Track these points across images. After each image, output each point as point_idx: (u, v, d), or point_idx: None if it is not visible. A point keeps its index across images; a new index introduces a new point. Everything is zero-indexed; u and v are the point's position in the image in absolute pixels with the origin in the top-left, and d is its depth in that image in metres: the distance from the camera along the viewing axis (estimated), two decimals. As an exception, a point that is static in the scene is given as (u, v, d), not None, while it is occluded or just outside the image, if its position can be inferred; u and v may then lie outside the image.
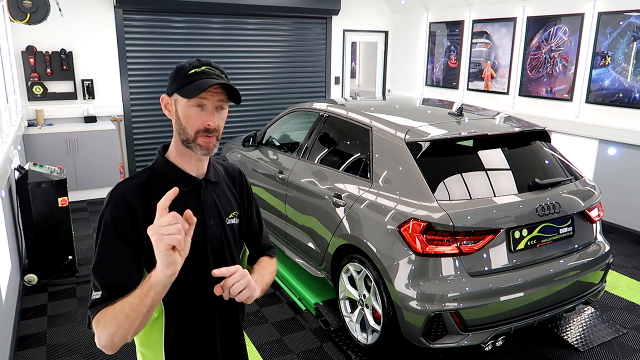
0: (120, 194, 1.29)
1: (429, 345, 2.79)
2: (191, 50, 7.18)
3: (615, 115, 5.37)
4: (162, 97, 1.36)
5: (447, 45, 7.53)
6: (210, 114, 1.33)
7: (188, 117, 1.32)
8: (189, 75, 1.32)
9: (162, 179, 1.35)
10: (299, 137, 4.44)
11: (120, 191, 1.30)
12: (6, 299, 3.18)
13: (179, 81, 1.33)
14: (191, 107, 1.32)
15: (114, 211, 1.27)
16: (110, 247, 1.26)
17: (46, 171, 4.21)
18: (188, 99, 1.31)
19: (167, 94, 1.37)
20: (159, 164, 1.38)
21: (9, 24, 5.34)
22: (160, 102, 1.38)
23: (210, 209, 1.41)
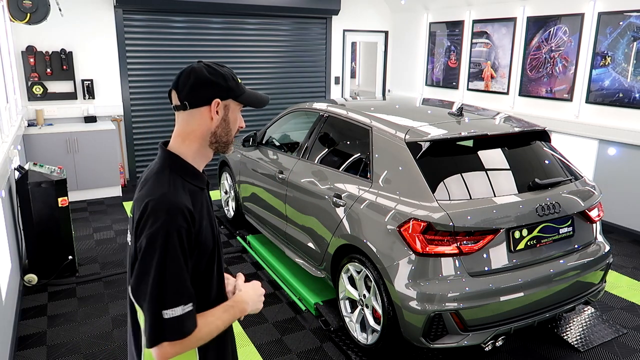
0: (186, 209, 1.28)
1: (429, 345, 2.80)
2: (191, 50, 7.18)
3: (615, 115, 5.37)
4: (216, 101, 1.37)
5: (447, 45, 7.54)
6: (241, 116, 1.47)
7: (236, 120, 1.43)
8: (239, 84, 1.42)
9: (189, 182, 1.37)
10: (299, 137, 4.44)
11: (183, 206, 1.28)
12: (6, 299, 3.18)
13: (234, 89, 1.39)
14: (239, 112, 1.45)
15: (184, 224, 1.26)
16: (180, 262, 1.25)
17: (46, 171, 4.21)
18: (238, 105, 1.42)
19: (220, 99, 1.37)
20: (179, 165, 1.38)
21: (9, 24, 5.34)
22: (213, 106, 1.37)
23: (211, 204, 1.50)
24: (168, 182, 1.31)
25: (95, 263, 4.61)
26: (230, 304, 1.41)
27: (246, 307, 1.43)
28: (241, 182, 5.01)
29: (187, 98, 1.36)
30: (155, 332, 1.21)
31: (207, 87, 1.35)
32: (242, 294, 1.45)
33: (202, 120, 1.37)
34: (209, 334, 1.31)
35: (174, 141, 1.40)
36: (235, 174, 5.14)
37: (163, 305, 1.21)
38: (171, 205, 1.26)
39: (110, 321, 3.63)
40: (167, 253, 1.23)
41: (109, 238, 5.22)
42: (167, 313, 1.21)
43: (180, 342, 1.24)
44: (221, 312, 1.37)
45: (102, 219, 5.76)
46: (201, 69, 1.36)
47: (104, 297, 3.98)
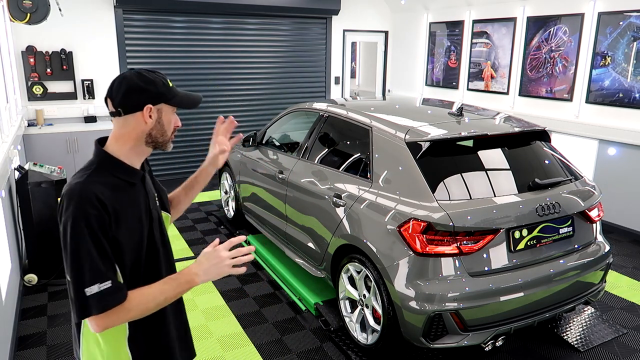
0: (93, 193, 1.37)
1: (429, 345, 2.80)
2: (191, 50, 7.19)
3: (615, 115, 5.37)
4: (148, 107, 1.47)
5: (447, 45, 7.54)
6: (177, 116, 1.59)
7: (170, 122, 1.56)
8: (171, 88, 1.53)
9: (115, 177, 1.47)
10: (299, 137, 4.44)
11: (91, 190, 1.38)
12: (6, 299, 3.18)
13: (165, 93, 1.50)
14: (173, 114, 1.56)
15: (93, 212, 1.35)
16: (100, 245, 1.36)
17: (46, 171, 4.21)
18: (172, 107, 1.54)
19: (152, 104, 1.47)
20: (107, 162, 1.48)
21: (9, 24, 5.34)
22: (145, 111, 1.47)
23: (152, 197, 1.60)
24: (88, 175, 1.43)
25: (95, 263, 4.61)
26: (174, 276, 1.46)
27: (194, 278, 1.46)
28: (241, 182, 5.01)
29: (121, 105, 1.46)
30: (80, 308, 1.34)
31: (138, 94, 1.46)
32: (191, 265, 1.48)
33: (137, 124, 1.48)
34: (144, 305, 1.40)
35: (109, 141, 1.51)
36: (235, 174, 5.14)
37: (83, 283, 1.32)
38: (81, 194, 1.37)
39: (110, 321, 3.63)
40: (77, 237, 1.33)
41: (109, 238, 5.22)
42: (88, 291, 1.32)
43: (107, 315, 1.34)
44: (161, 284, 1.44)
45: (102, 219, 5.75)
46: (132, 77, 1.46)
47: (104, 297, 3.97)
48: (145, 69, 1.52)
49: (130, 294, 1.39)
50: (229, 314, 3.73)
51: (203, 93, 7.44)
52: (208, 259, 1.48)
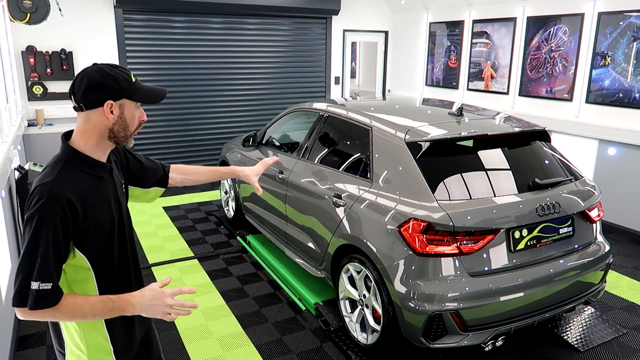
0: (61, 194, 1.41)
1: (429, 345, 2.79)
2: (191, 50, 7.19)
3: (615, 115, 5.37)
4: (108, 103, 1.48)
5: (447, 45, 7.54)
6: (142, 110, 1.61)
7: (134, 117, 1.56)
8: (134, 83, 1.53)
9: (82, 171, 1.50)
10: (299, 137, 4.44)
11: (59, 191, 1.41)
12: (6, 299, 3.18)
13: (127, 89, 1.50)
14: (136, 109, 1.57)
15: (59, 211, 1.39)
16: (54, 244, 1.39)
17: (46, 171, 4.21)
18: (135, 102, 1.55)
19: (113, 100, 1.49)
20: (74, 158, 1.51)
21: (9, 24, 5.34)
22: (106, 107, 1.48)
23: (119, 187, 1.66)
24: (59, 171, 1.45)
25: (95, 263, 4.61)
26: (114, 298, 1.49)
27: (129, 308, 1.48)
28: (241, 182, 5.01)
29: (82, 101, 1.48)
30: (19, 297, 1.38)
31: (98, 90, 1.47)
32: (133, 293, 1.50)
33: (99, 119, 1.50)
34: (74, 313, 1.44)
35: (74, 136, 1.54)
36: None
37: (30, 276, 1.37)
38: (50, 193, 1.39)
39: (110, 321, 3.63)
40: (40, 234, 1.37)
41: (109, 238, 5.21)
42: (32, 284, 1.37)
43: (36, 312, 1.39)
44: (97, 301, 1.47)
45: (102, 219, 5.75)
46: (93, 73, 1.47)
47: (104, 297, 3.97)
48: (108, 64, 1.52)
49: (63, 299, 1.42)
50: (229, 314, 3.73)
51: (203, 93, 7.45)
52: (152, 297, 1.48)
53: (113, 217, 1.58)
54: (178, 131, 7.44)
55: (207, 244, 5.06)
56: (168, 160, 7.45)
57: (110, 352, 1.62)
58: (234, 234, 5.29)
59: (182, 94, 7.29)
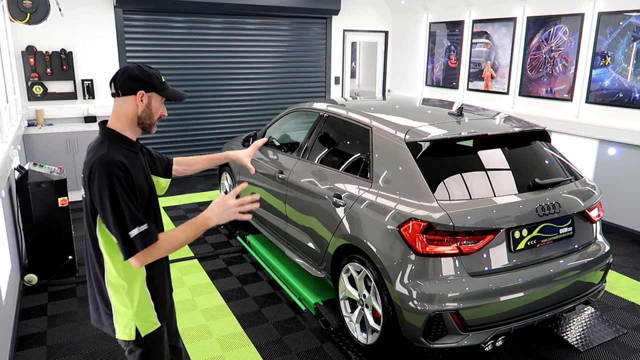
0: (117, 160, 1.73)
1: (429, 345, 2.79)
2: (191, 50, 7.19)
3: (615, 115, 5.37)
4: (140, 93, 1.82)
5: (447, 45, 7.54)
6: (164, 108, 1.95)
7: (158, 109, 1.90)
8: (163, 82, 1.89)
9: (123, 148, 1.83)
10: (299, 137, 4.44)
11: (115, 158, 1.73)
12: (6, 299, 3.18)
13: (157, 85, 1.86)
14: (161, 104, 1.91)
15: (120, 173, 1.71)
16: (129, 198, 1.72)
17: (46, 171, 4.21)
18: (161, 98, 1.89)
19: (144, 91, 1.83)
20: (115, 137, 1.83)
21: (9, 24, 5.34)
22: (138, 95, 1.82)
23: (146, 166, 1.98)
24: (107, 147, 1.77)
25: (95, 263, 4.61)
26: (192, 221, 1.79)
27: (208, 222, 1.79)
28: (241, 182, 5.01)
29: (120, 88, 1.83)
30: (127, 248, 1.69)
31: (135, 82, 1.82)
32: (205, 211, 1.81)
33: (131, 105, 1.84)
34: (173, 243, 1.75)
35: (111, 120, 1.87)
36: (235, 174, 5.14)
37: (126, 229, 1.68)
38: (109, 161, 1.71)
39: (110, 321, 3.63)
40: (115, 194, 1.68)
41: (109, 238, 5.21)
42: (131, 234, 1.68)
43: (146, 251, 1.70)
44: (183, 227, 1.78)
45: (102, 219, 5.75)
46: (133, 68, 1.84)
47: (104, 297, 3.97)
48: (146, 64, 1.87)
49: (161, 236, 1.75)
50: (229, 314, 3.73)
51: (203, 93, 7.45)
52: (218, 206, 1.81)
53: (149, 185, 1.90)
54: (178, 131, 7.44)
55: (207, 244, 5.06)
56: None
57: (152, 307, 1.92)
58: (234, 234, 5.29)
59: (182, 94, 7.28)
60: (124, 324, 1.88)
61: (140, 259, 1.71)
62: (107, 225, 1.72)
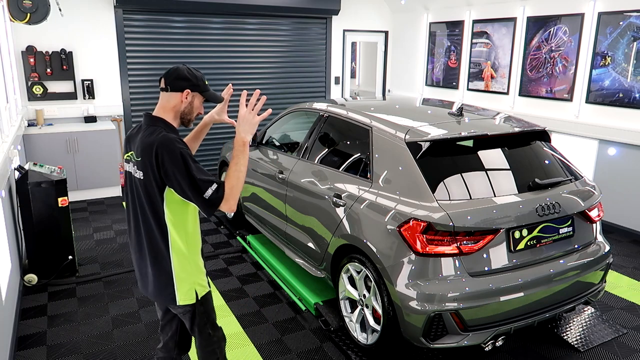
0: (178, 139, 2.02)
1: (429, 345, 2.80)
2: (191, 50, 7.18)
3: (615, 115, 5.37)
4: (187, 91, 2.09)
5: (447, 45, 7.54)
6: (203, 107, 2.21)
7: (197, 107, 2.18)
8: (206, 84, 2.17)
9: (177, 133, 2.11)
10: (299, 137, 4.44)
11: (177, 138, 2.02)
12: (6, 299, 3.18)
13: (201, 87, 2.13)
14: (202, 104, 2.19)
15: (185, 147, 1.99)
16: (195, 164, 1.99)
17: (46, 171, 4.21)
18: (201, 98, 2.17)
19: (190, 90, 2.10)
20: (165, 124, 2.09)
21: (9, 24, 5.34)
22: (184, 93, 2.09)
23: None
24: (163, 130, 2.04)
25: (95, 263, 4.61)
26: (234, 150, 2.04)
27: (245, 139, 2.04)
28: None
29: (170, 84, 2.10)
30: (208, 207, 1.97)
31: (184, 81, 2.09)
32: (237, 134, 2.05)
33: (176, 101, 2.11)
34: (237, 176, 2.01)
35: (158, 111, 2.12)
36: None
37: (201, 192, 1.94)
38: (169, 138, 1.98)
39: (110, 321, 3.63)
40: (186, 164, 1.94)
41: (109, 238, 5.22)
42: (206, 194, 1.94)
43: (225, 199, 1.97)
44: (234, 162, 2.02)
45: (102, 219, 5.76)
46: (183, 69, 2.12)
47: (104, 297, 3.98)
48: (194, 67, 2.17)
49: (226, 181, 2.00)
50: (229, 314, 3.73)
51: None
52: (243, 123, 2.04)
53: None
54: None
55: (207, 244, 5.06)
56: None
57: (204, 273, 2.21)
58: (234, 234, 5.29)
59: (182, 94, 7.28)
60: (186, 290, 2.14)
61: (227, 205, 1.98)
62: (183, 195, 1.96)
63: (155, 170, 1.96)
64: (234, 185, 1.98)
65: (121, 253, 4.84)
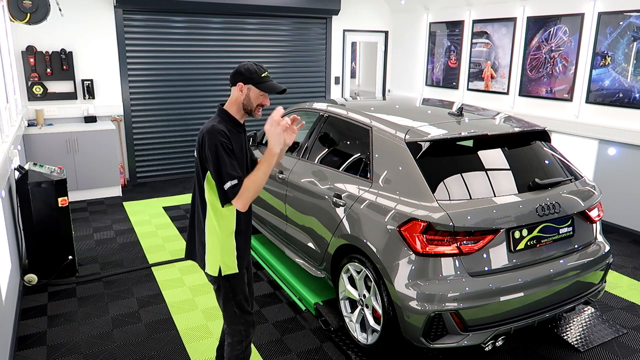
0: (219, 129, 2.21)
1: (429, 345, 2.79)
2: (191, 50, 7.19)
3: (615, 115, 5.37)
4: (239, 84, 2.30)
5: (447, 45, 7.54)
6: (267, 98, 2.38)
7: (256, 98, 2.34)
8: (262, 77, 2.32)
9: (232, 123, 2.33)
10: (299, 137, 4.44)
11: (218, 128, 2.22)
12: (6, 299, 3.18)
13: (256, 79, 2.30)
14: (259, 94, 2.34)
15: (222, 138, 2.20)
16: (229, 157, 2.19)
17: (46, 171, 4.21)
18: (261, 90, 2.33)
19: (243, 83, 2.30)
20: (226, 116, 2.34)
21: (9, 24, 5.34)
22: (238, 86, 2.30)
23: (245, 143, 2.43)
24: (217, 121, 2.29)
25: (95, 263, 4.61)
26: (261, 159, 2.22)
27: (273, 150, 2.21)
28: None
29: (230, 80, 2.36)
30: (223, 197, 2.20)
31: (238, 76, 2.32)
32: (268, 145, 2.23)
33: (236, 93, 2.34)
34: (255, 181, 2.18)
35: (227, 104, 2.37)
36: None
37: (221, 182, 2.17)
38: (214, 129, 2.22)
39: (110, 321, 3.63)
40: (218, 154, 2.17)
41: (109, 238, 5.22)
42: (225, 186, 2.16)
43: (239, 196, 2.17)
44: (258, 166, 2.21)
45: (102, 219, 5.76)
46: (241, 65, 2.34)
47: (104, 297, 3.98)
48: (255, 63, 2.35)
49: (245, 180, 2.19)
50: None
51: (203, 93, 7.46)
52: (271, 136, 2.20)
53: (243, 155, 2.36)
54: (178, 131, 7.44)
55: (207, 244, 5.05)
56: (168, 159, 7.45)
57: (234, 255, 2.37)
58: (234, 234, 5.28)
59: (182, 94, 7.29)
60: (212, 262, 2.36)
61: (239, 203, 2.18)
62: (213, 178, 2.21)
63: (199, 152, 2.26)
64: (249, 187, 2.18)
65: (121, 253, 4.84)
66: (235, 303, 2.44)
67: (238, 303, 2.44)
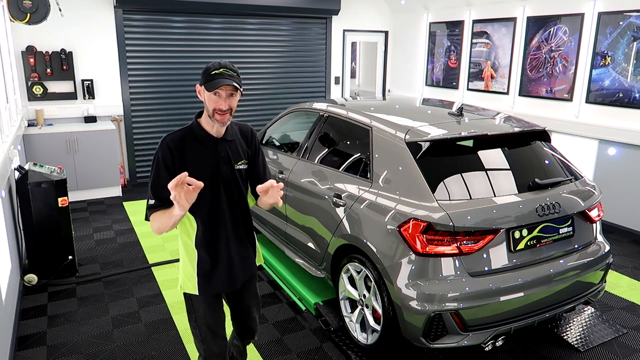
0: (166, 142, 2.03)
1: (429, 345, 2.80)
2: (191, 50, 7.18)
3: (615, 115, 5.37)
4: (197, 86, 2.07)
5: (447, 45, 7.54)
6: (222, 100, 2.01)
7: (210, 101, 2.03)
8: (211, 74, 1.99)
9: (193, 135, 2.09)
10: (299, 137, 4.44)
11: (167, 140, 2.04)
12: (6, 299, 3.18)
13: (205, 78, 2.01)
14: (211, 96, 2.01)
15: (163, 153, 2.01)
16: (159, 175, 2.01)
17: (46, 171, 4.21)
18: (208, 91, 2.00)
19: (200, 84, 2.04)
20: (194, 126, 2.11)
21: (9, 24, 5.34)
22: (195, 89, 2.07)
23: (223, 158, 2.13)
24: (178, 130, 2.09)
25: (95, 263, 4.61)
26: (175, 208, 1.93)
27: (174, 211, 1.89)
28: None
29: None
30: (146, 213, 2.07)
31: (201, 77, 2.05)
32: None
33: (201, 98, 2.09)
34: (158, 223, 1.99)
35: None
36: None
37: (148, 197, 2.04)
38: (162, 140, 2.05)
39: (110, 321, 3.63)
40: (152, 167, 2.04)
41: (109, 238, 5.22)
42: (147, 202, 2.04)
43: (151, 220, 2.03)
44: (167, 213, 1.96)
45: (102, 219, 5.76)
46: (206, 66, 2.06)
47: (104, 297, 3.98)
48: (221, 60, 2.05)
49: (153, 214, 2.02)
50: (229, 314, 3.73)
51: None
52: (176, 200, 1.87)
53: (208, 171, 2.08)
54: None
55: (207, 244, 5.05)
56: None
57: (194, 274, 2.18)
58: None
59: (182, 94, 7.28)
60: (179, 274, 2.25)
61: (151, 226, 2.03)
62: None
63: None
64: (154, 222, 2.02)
65: (121, 253, 4.84)
66: (197, 325, 2.26)
67: (199, 327, 2.26)
